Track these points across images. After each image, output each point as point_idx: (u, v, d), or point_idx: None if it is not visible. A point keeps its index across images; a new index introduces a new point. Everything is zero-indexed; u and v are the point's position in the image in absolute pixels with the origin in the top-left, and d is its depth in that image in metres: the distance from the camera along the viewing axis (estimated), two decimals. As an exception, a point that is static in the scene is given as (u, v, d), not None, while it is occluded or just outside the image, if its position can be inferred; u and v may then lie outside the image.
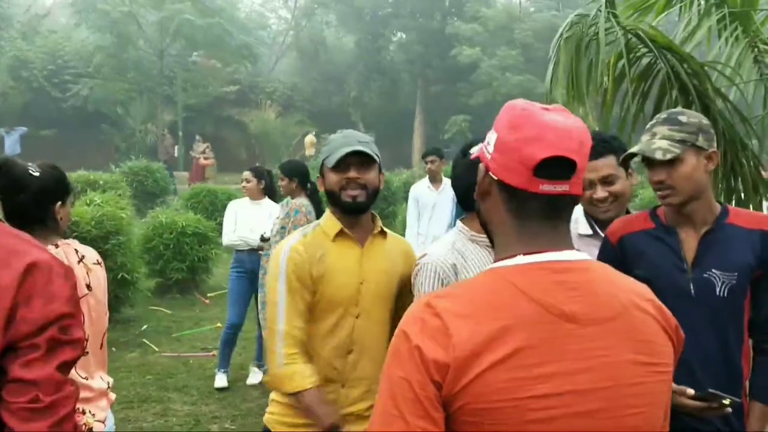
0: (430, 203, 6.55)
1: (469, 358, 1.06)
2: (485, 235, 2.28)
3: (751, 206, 3.47)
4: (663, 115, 2.20)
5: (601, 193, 2.50)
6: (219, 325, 7.22)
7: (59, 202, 2.35)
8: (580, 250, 1.23)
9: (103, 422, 2.35)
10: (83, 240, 7.23)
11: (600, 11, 3.30)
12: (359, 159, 2.26)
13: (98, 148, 26.49)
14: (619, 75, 3.57)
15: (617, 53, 3.46)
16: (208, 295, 8.70)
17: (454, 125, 28.80)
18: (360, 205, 2.27)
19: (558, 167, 1.14)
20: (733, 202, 3.50)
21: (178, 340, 6.97)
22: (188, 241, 8.52)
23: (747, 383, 2.23)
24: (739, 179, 3.51)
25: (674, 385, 1.67)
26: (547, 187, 1.15)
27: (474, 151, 1.39)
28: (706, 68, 3.64)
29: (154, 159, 20.01)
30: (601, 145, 2.44)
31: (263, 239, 5.41)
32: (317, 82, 33.01)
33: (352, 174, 2.25)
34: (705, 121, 2.18)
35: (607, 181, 2.50)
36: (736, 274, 2.14)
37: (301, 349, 2.26)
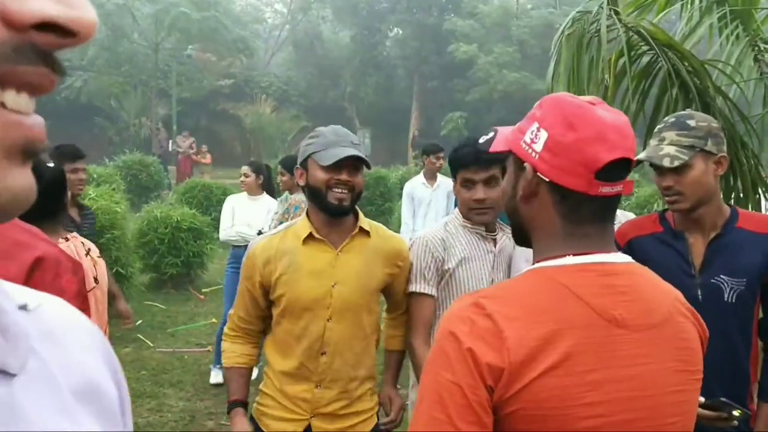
0: (425, 200, 6.52)
1: (523, 363, 1.02)
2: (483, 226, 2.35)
3: (750, 205, 3.47)
4: (671, 118, 2.16)
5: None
6: (214, 320, 7.19)
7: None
8: None
9: None
10: (78, 234, 7.21)
11: (602, 8, 3.29)
12: (352, 161, 2.22)
13: (92, 142, 26.32)
14: (619, 72, 3.58)
15: (618, 50, 3.46)
16: (203, 290, 8.66)
17: (450, 122, 28.77)
18: (345, 208, 2.25)
19: (618, 168, 1.10)
20: (732, 200, 3.50)
21: (172, 336, 6.94)
22: (183, 236, 8.48)
23: (753, 387, 2.21)
24: (739, 178, 3.50)
25: None
26: (606, 189, 1.11)
27: (488, 141, 1.32)
28: (706, 66, 3.64)
29: (149, 153, 19.93)
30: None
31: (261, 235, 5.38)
32: (313, 77, 32.94)
33: (344, 177, 2.21)
34: (715, 124, 2.15)
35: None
36: (744, 279, 2.11)
37: (242, 332, 2.41)
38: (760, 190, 3.53)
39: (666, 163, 2.07)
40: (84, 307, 1.22)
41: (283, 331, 2.29)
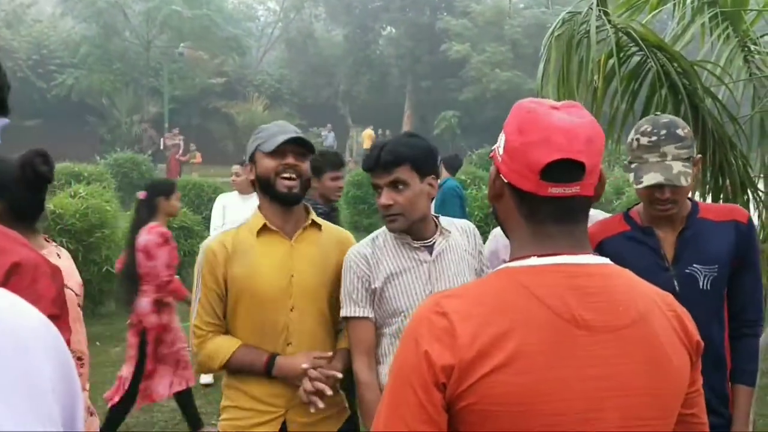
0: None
1: (474, 360, 1.05)
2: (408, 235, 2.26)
3: (738, 205, 3.48)
4: (662, 129, 2.15)
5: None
6: (204, 319, 7.17)
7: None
8: None
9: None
10: (67, 233, 7.16)
11: (591, 9, 3.29)
12: (297, 148, 2.28)
13: (83, 139, 26.28)
14: (609, 73, 3.57)
15: (608, 51, 3.45)
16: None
17: (443, 121, 28.83)
18: (295, 196, 2.29)
19: (566, 169, 1.11)
20: (721, 200, 3.51)
21: (163, 335, 6.91)
22: (174, 235, 8.42)
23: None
24: (727, 178, 3.51)
25: None
26: (556, 190, 1.12)
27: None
28: (695, 67, 3.64)
29: (140, 151, 19.88)
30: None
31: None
32: (305, 75, 32.92)
33: (290, 160, 2.25)
34: (688, 127, 2.20)
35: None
36: (716, 266, 2.21)
37: (214, 330, 2.28)
38: (748, 191, 3.55)
39: (682, 182, 2.09)
40: (61, 312, 1.21)
41: (246, 328, 2.27)
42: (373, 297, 2.27)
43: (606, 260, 1.19)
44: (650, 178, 2.11)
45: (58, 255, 2.32)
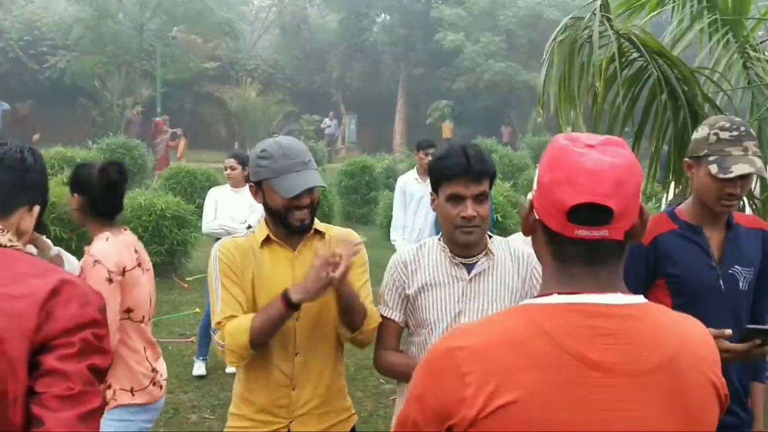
0: (417, 195, 6.52)
1: (482, 398, 1.05)
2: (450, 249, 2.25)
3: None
4: (741, 126, 2.24)
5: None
6: (198, 310, 7.17)
7: None
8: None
9: (166, 379, 2.93)
10: (61, 221, 7.12)
11: (594, 15, 3.29)
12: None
13: (75, 122, 26.07)
14: (610, 77, 3.58)
15: (609, 56, 3.46)
16: (187, 279, 8.63)
17: (436, 110, 28.77)
18: (306, 227, 2.30)
19: (593, 212, 1.09)
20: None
21: (156, 325, 6.88)
22: (167, 224, 8.42)
23: None
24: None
25: (713, 330, 1.79)
26: (582, 233, 1.11)
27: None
28: (695, 74, 3.66)
29: (133, 135, 19.72)
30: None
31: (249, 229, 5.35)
32: (299, 61, 32.73)
33: (305, 201, 2.24)
34: None
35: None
36: (752, 269, 2.36)
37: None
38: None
39: (766, 174, 2.25)
40: (106, 325, 1.37)
41: None
42: (407, 302, 2.31)
43: (636, 299, 1.15)
44: (740, 169, 2.17)
45: (135, 249, 2.82)
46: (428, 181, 6.88)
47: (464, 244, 2.23)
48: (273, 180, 2.22)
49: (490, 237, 2.33)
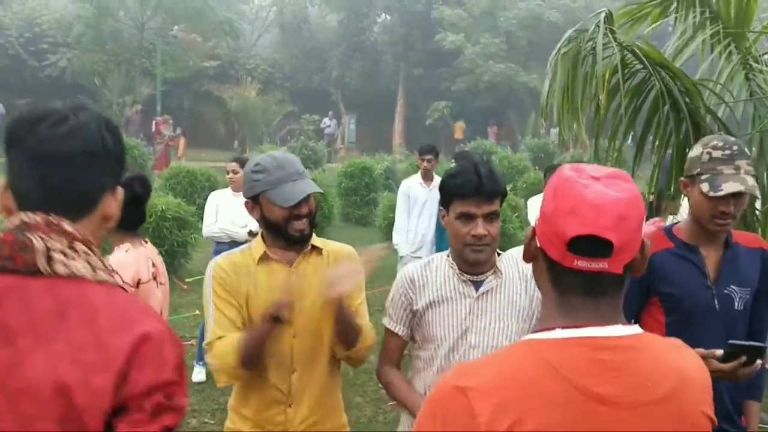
0: (420, 200, 6.55)
1: None
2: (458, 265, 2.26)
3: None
4: (734, 146, 2.25)
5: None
6: (197, 312, 7.17)
7: None
8: None
9: None
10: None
11: (598, 27, 3.31)
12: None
13: (74, 120, 26.03)
14: (612, 89, 3.59)
15: (612, 68, 3.48)
16: (187, 280, 8.63)
17: (435, 111, 28.79)
18: (306, 237, 2.30)
19: (593, 245, 1.10)
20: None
21: (155, 327, 6.91)
22: (168, 225, 8.43)
23: None
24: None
25: (703, 350, 1.81)
26: (582, 264, 1.11)
27: None
28: (698, 86, 3.67)
29: (132, 134, 19.71)
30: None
31: (252, 234, 5.34)
32: (299, 60, 32.72)
33: (304, 210, 2.24)
34: None
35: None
36: (749, 289, 2.35)
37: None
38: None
39: (757, 193, 2.24)
40: (181, 380, 1.27)
41: None
42: (413, 318, 2.32)
43: (635, 330, 1.17)
44: (730, 187, 2.18)
45: (153, 263, 2.88)
46: (431, 185, 6.96)
47: (473, 263, 2.24)
48: (270, 192, 2.22)
49: (499, 254, 2.33)
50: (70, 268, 1.22)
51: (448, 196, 2.24)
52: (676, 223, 2.52)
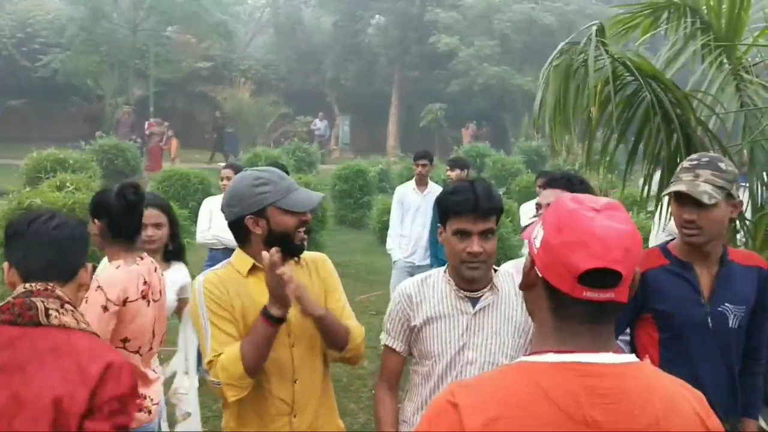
0: (414, 205, 6.57)
1: None
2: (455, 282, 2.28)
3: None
4: (704, 157, 2.31)
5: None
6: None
7: None
8: None
9: (158, 404, 2.94)
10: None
11: (590, 39, 3.33)
12: None
13: (67, 121, 25.99)
14: (604, 100, 3.62)
15: (604, 80, 3.50)
16: (180, 284, 8.60)
17: (429, 113, 28.81)
18: (304, 247, 2.34)
19: (603, 276, 1.14)
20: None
21: (148, 332, 6.89)
22: (161, 229, 8.40)
23: None
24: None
25: None
26: (590, 294, 1.15)
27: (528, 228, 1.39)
28: (688, 97, 3.69)
29: (122, 135, 19.64)
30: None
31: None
32: (293, 61, 32.67)
33: (309, 217, 2.30)
34: (736, 172, 2.34)
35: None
36: (744, 307, 2.36)
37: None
38: (737, 220, 3.61)
39: (705, 199, 2.21)
40: (134, 394, 1.86)
41: None
42: (411, 334, 2.35)
43: (628, 359, 1.20)
44: (673, 187, 2.27)
45: (145, 281, 2.87)
46: (425, 191, 6.97)
47: (469, 279, 2.26)
48: (282, 200, 2.24)
49: (496, 270, 2.36)
50: (61, 320, 1.80)
51: (444, 212, 2.27)
52: (671, 240, 2.54)
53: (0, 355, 1.74)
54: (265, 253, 2.12)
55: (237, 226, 2.30)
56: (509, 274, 2.38)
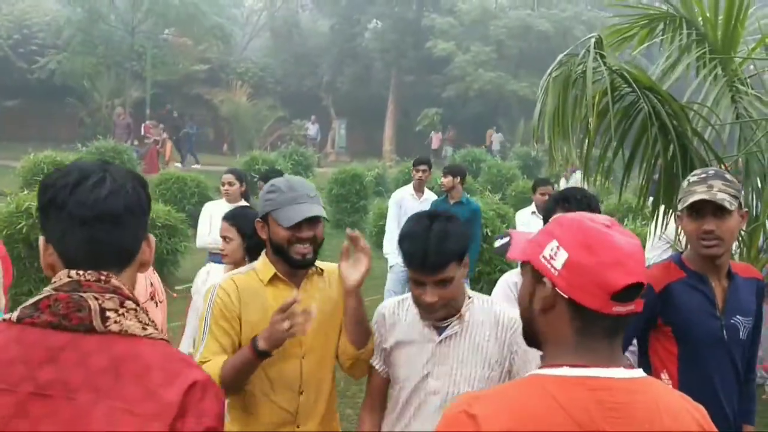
0: (411, 211, 6.58)
1: None
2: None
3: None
4: (710, 170, 2.35)
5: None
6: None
7: None
8: None
9: None
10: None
11: (588, 51, 3.37)
12: (311, 216, 2.27)
13: (63, 122, 25.95)
14: (602, 111, 3.66)
15: (602, 91, 3.55)
16: (176, 288, 8.62)
17: (425, 117, 28.89)
18: (309, 261, 2.30)
19: (632, 291, 1.18)
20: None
21: (145, 336, 6.89)
22: (157, 233, 8.41)
23: None
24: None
25: None
26: (618, 309, 1.19)
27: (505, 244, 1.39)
28: (684, 108, 3.74)
29: (118, 137, 19.66)
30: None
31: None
32: (289, 65, 32.68)
33: (305, 234, 2.25)
34: (736, 179, 2.39)
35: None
36: (750, 318, 2.41)
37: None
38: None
39: (727, 204, 2.24)
40: (220, 426, 1.34)
41: (259, 376, 2.25)
42: (384, 354, 2.33)
43: (636, 374, 1.23)
44: (693, 198, 2.26)
45: (151, 282, 2.83)
46: (423, 197, 6.99)
47: (429, 320, 2.21)
48: (276, 211, 2.26)
49: (470, 297, 2.26)
50: (123, 326, 1.30)
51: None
52: (682, 252, 2.56)
53: (39, 372, 1.25)
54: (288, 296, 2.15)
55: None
56: (488, 300, 2.30)
